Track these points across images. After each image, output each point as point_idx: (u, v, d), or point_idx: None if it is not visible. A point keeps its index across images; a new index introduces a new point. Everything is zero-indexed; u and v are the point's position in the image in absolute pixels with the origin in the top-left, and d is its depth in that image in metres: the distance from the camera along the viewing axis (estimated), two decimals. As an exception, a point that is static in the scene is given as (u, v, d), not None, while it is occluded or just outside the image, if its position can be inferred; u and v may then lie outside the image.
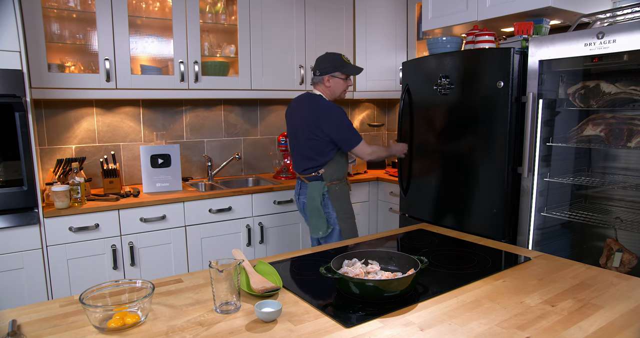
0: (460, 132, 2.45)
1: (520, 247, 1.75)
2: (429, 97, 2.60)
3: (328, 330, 1.06)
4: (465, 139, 2.42)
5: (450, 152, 2.51)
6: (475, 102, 2.34)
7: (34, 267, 2.25)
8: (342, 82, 2.37)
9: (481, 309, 1.16)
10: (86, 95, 2.57)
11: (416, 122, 2.72)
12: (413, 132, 2.75)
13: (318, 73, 2.38)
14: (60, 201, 2.33)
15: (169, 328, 1.07)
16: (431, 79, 2.57)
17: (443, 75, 2.49)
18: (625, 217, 2.22)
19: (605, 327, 1.06)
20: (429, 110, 2.63)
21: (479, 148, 2.35)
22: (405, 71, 2.78)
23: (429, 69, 2.59)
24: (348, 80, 2.40)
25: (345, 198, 2.45)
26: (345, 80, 2.38)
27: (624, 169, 2.31)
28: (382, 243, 1.79)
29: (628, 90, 2.00)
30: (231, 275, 1.14)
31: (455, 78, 2.44)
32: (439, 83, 2.52)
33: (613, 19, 2.16)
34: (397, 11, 3.41)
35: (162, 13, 2.89)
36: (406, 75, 2.77)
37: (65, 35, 2.67)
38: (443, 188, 2.57)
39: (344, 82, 2.38)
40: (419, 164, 2.74)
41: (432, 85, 2.57)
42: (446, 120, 2.53)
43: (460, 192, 2.46)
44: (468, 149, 2.41)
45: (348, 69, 2.36)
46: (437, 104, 2.56)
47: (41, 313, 1.16)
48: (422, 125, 2.68)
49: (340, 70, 2.35)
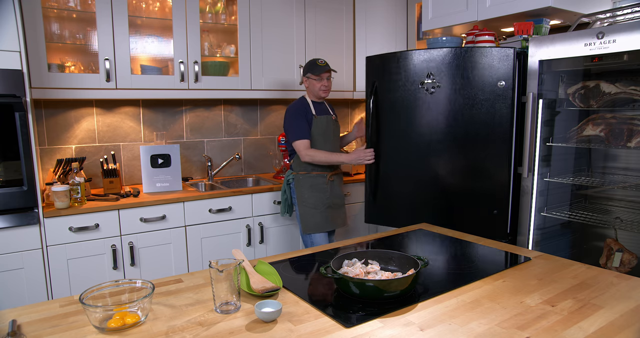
0: (460, 132, 2.44)
1: (520, 247, 1.75)
2: (414, 96, 2.52)
3: (328, 330, 1.06)
4: (465, 139, 2.41)
5: (451, 152, 2.51)
6: (475, 102, 2.33)
7: (34, 267, 2.25)
8: (315, 82, 2.62)
9: (481, 309, 1.16)
10: (86, 95, 2.57)
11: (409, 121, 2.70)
12: (380, 134, 2.66)
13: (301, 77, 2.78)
14: (60, 201, 2.33)
15: (169, 328, 1.07)
16: (417, 78, 2.49)
17: (430, 73, 2.43)
18: (625, 217, 2.22)
19: (605, 327, 1.06)
20: (419, 110, 2.55)
21: (479, 148, 2.34)
22: (370, 68, 2.65)
23: (415, 65, 2.49)
24: (322, 80, 2.62)
25: (310, 188, 2.65)
26: (318, 80, 2.61)
27: (624, 169, 2.31)
28: (382, 244, 1.79)
29: (628, 90, 2.00)
30: (231, 275, 1.14)
31: (451, 77, 2.43)
32: (425, 82, 2.44)
33: (613, 19, 2.16)
34: (397, 11, 3.41)
35: (162, 13, 2.89)
36: (373, 73, 2.65)
37: (65, 35, 2.67)
38: (443, 188, 2.57)
39: (317, 81, 2.62)
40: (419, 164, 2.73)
41: (417, 84, 2.50)
42: (441, 120, 2.51)
43: (460, 192, 2.46)
44: (468, 149, 2.40)
45: (317, 69, 2.59)
46: (423, 103, 2.50)
47: (41, 313, 1.16)
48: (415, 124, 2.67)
49: (312, 71, 2.61)
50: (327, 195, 2.67)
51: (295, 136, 2.60)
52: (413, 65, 2.51)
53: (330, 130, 2.69)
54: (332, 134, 2.71)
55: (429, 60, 2.45)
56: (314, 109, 2.65)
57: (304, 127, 2.60)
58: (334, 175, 2.71)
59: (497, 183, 2.27)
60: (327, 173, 2.68)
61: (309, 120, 2.62)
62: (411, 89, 2.53)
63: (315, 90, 2.64)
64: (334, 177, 2.72)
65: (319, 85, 2.62)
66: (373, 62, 2.66)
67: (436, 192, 2.61)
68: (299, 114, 2.62)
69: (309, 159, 2.59)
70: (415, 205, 2.76)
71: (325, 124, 2.66)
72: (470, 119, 2.38)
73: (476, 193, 2.38)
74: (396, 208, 2.72)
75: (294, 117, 2.62)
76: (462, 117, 2.42)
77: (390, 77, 2.60)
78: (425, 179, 2.68)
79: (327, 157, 2.58)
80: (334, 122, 2.74)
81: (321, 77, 2.62)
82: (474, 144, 2.36)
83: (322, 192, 2.67)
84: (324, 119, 2.67)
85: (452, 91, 2.42)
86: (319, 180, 2.67)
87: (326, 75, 2.64)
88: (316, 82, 2.62)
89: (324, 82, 2.63)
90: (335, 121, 2.76)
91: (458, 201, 2.48)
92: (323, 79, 2.62)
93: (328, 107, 2.80)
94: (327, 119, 2.68)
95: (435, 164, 2.60)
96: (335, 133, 2.76)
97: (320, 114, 2.68)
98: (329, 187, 2.68)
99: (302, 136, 2.59)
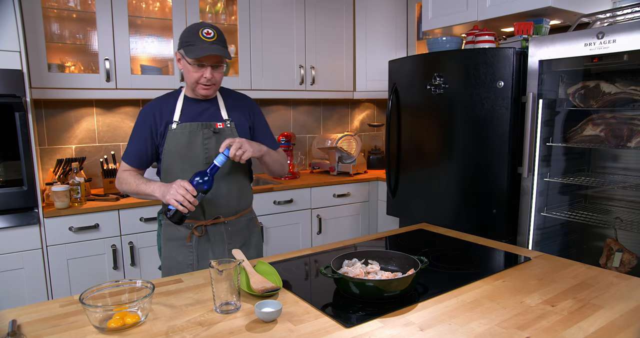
0: (459, 132, 2.45)
1: (520, 247, 1.75)
2: (422, 97, 2.58)
3: (328, 330, 1.06)
4: (465, 139, 2.42)
5: (451, 152, 2.51)
6: (475, 102, 2.33)
7: (34, 267, 2.25)
8: (190, 69, 1.57)
9: (481, 309, 1.16)
10: (86, 95, 2.57)
11: (410, 122, 2.72)
12: (400, 133, 2.75)
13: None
14: (60, 201, 2.33)
15: (169, 328, 1.07)
16: (425, 78, 2.54)
17: (438, 74, 2.47)
18: (625, 217, 2.22)
19: (605, 327, 1.06)
20: (423, 110, 2.61)
21: (479, 148, 2.34)
22: (393, 70, 2.77)
23: (422, 67, 2.57)
24: (202, 69, 1.57)
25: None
26: (194, 69, 1.57)
27: (624, 169, 2.31)
28: (382, 243, 1.79)
29: (628, 90, 2.00)
30: (231, 275, 1.14)
31: (452, 77, 2.43)
32: (433, 82, 2.50)
33: (613, 19, 2.16)
34: (397, 11, 3.41)
35: (162, 13, 2.89)
36: (395, 75, 2.76)
37: (65, 35, 2.67)
38: (443, 188, 2.57)
39: (193, 70, 1.57)
40: (419, 164, 2.74)
41: (425, 85, 2.55)
42: (444, 121, 2.52)
43: (460, 192, 2.46)
44: (468, 149, 2.41)
45: (197, 48, 1.55)
46: (429, 103, 2.54)
47: (41, 313, 1.16)
48: (416, 125, 2.68)
49: (187, 50, 1.57)
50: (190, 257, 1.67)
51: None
52: (423, 67, 2.57)
53: (197, 145, 1.63)
54: (202, 150, 1.63)
55: (437, 62, 2.50)
56: (179, 111, 1.64)
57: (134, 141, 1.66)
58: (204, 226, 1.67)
59: (496, 183, 2.27)
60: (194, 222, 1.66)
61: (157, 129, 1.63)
62: (421, 90, 2.59)
63: (190, 82, 1.60)
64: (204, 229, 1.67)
65: (196, 76, 1.57)
66: (393, 65, 2.76)
67: (437, 191, 2.62)
68: (139, 115, 1.67)
69: (117, 186, 1.71)
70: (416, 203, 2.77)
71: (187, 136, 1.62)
72: (470, 119, 2.38)
73: (476, 193, 2.38)
74: (408, 204, 2.81)
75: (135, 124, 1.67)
76: (462, 117, 2.43)
77: (406, 79, 2.68)
78: (427, 178, 2.69)
79: (133, 186, 1.63)
80: (212, 133, 1.64)
81: (201, 62, 1.54)
82: (474, 143, 2.37)
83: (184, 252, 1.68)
84: (188, 127, 1.62)
85: (456, 92, 2.43)
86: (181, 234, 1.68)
87: (212, 62, 1.55)
88: (192, 71, 1.56)
89: (206, 74, 1.55)
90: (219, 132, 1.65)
91: (458, 201, 2.48)
92: (205, 67, 1.55)
93: (221, 105, 1.70)
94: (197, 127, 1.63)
95: (437, 163, 2.61)
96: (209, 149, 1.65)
97: (187, 119, 1.64)
98: (194, 244, 1.67)
99: (125, 154, 1.69)
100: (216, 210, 1.67)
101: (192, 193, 1.44)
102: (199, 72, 1.56)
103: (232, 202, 1.71)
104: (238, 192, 1.74)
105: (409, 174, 2.78)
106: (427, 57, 2.54)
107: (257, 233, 1.85)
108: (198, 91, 1.61)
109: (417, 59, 2.60)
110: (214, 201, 1.66)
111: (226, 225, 1.71)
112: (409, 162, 2.76)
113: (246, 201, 1.80)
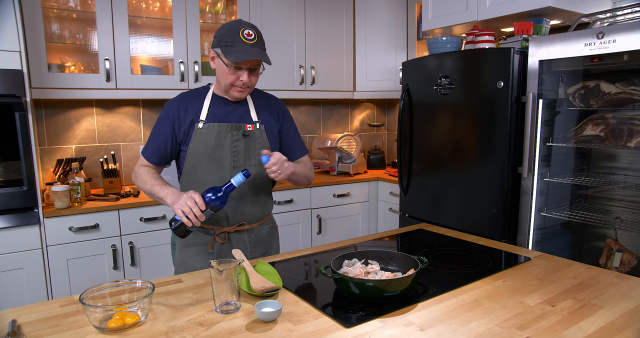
0: (460, 132, 2.45)
1: (520, 247, 1.75)
2: (429, 97, 2.61)
3: (328, 330, 1.06)
4: (466, 139, 2.42)
5: (451, 152, 2.51)
6: (476, 102, 2.34)
7: (34, 267, 2.25)
8: (227, 70, 1.53)
9: (481, 309, 1.16)
10: (86, 95, 2.57)
11: (416, 122, 2.72)
12: (413, 132, 2.75)
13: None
14: (60, 201, 2.33)
15: (169, 328, 1.07)
16: (431, 79, 2.58)
17: (443, 75, 2.49)
18: (625, 217, 2.22)
19: (605, 327, 1.06)
20: (429, 110, 2.63)
21: (479, 148, 2.35)
22: (405, 71, 2.79)
23: (428, 68, 2.59)
24: (239, 72, 1.52)
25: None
26: (231, 71, 1.52)
27: (624, 169, 2.31)
28: (382, 243, 1.79)
29: (628, 90, 2.00)
30: (231, 275, 1.14)
31: (455, 78, 2.44)
32: (439, 83, 2.52)
33: (613, 19, 2.16)
34: (397, 11, 3.41)
35: (162, 13, 2.89)
36: (406, 75, 2.78)
37: (65, 35, 2.67)
38: (443, 188, 2.57)
39: (230, 72, 1.53)
40: (420, 164, 2.74)
41: (432, 85, 2.57)
42: (446, 120, 2.53)
43: (461, 192, 2.46)
44: (468, 148, 2.41)
45: (238, 52, 1.52)
46: (437, 103, 2.56)
47: (41, 313, 1.16)
48: (422, 125, 2.68)
49: (227, 52, 1.51)
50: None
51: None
52: (432, 68, 2.58)
53: (225, 147, 1.57)
54: (229, 153, 1.58)
55: (443, 62, 2.51)
56: (206, 110, 1.58)
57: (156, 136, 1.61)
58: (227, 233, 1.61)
59: (496, 183, 2.27)
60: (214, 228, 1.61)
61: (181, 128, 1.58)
62: (430, 91, 2.61)
63: (224, 84, 1.54)
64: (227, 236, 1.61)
65: (232, 78, 1.51)
66: (406, 67, 2.78)
67: (437, 191, 2.62)
68: (163, 116, 1.59)
69: (133, 179, 1.65)
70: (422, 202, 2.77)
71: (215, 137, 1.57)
72: (471, 118, 2.38)
73: (476, 192, 2.38)
74: (417, 202, 2.81)
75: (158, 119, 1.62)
76: (464, 117, 2.43)
77: (417, 80, 2.69)
78: (429, 178, 2.69)
79: (149, 187, 1.55)
80: (242, 135, 1.59)
81: (240, 66, 1.49)
82: (474, 143, 2.37)
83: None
84: (216, 128, 1.57)
85: (459, 92, 2.43)
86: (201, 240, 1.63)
87: (251, 65, 1.50)
88: (229, 72, 1.50)
89: (242, 77, 1.50)
90: (248, 134, 1.60)
91: (458, 200, 2.48)
92: (242, 70, 1.50)
93: (251, 106, 1.65)
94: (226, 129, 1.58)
95: (440, 163, 2.61)
96: (241, 152, 1.60)
97: (215, 119, 1.58)
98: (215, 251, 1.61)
99: (144, 150, 1.63)
100: (241, 216, 1.61)
101: (200, 207, 1.35)
102: (235, 74, 1.50)
103: (257, 208, 1.65)
104: (264, 198, 1.69)
105: (419, 175, 2.78)
106: (436, 58, 2.55)
107: (277, 240, 1.80)
108: (232, 93, 1.56)
109: (427, 60, 2.61)
110: (240, 207, 1.60)
111: (249, 233, 1.65)
112: (418, 162, 2.76)
113: (269, 207, 1.74)
